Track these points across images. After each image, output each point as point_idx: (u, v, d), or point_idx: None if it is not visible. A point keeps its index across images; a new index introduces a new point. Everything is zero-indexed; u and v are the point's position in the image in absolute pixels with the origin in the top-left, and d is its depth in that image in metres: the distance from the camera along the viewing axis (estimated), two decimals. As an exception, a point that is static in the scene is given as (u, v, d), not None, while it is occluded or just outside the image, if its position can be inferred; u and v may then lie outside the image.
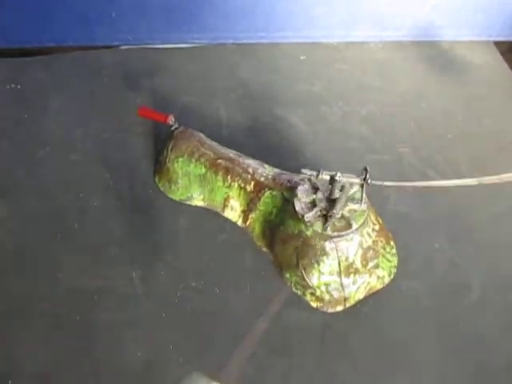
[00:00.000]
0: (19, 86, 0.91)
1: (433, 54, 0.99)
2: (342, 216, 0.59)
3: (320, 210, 0.59)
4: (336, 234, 0.58)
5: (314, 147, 0.81)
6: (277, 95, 0.90)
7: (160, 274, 0.66)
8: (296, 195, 0.61)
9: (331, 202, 0.58)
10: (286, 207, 0.63)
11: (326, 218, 0.58)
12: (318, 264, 0.60)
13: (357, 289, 0.62)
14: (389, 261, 0.64)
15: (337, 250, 0.58)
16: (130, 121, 0.84)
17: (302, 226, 0.59)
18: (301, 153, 0.80)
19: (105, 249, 0.68)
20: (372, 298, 0.64)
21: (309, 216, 0.58)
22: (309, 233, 0.59)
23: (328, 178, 0.57)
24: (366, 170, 0.56)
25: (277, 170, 0.68)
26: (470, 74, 0.95)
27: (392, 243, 0.65)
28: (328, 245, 0.58)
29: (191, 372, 0.54)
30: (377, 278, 0.63)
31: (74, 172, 0.77)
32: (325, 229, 0.57)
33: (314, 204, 0.59)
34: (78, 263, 0.67)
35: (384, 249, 0.63)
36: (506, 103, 0.91)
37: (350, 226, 0.58)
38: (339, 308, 0.62)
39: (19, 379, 0.57)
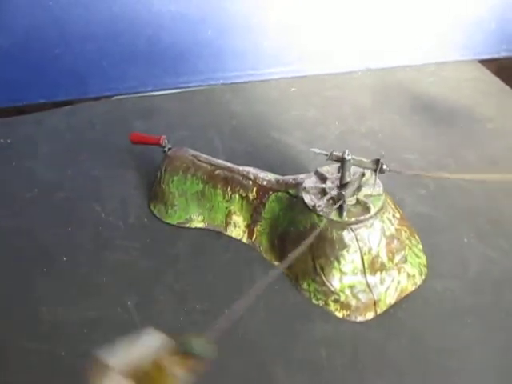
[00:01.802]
0: (9, 141, 0.89)
1: (421, 76, 1.00)
2: (358, 201, 0.53)
3: (332, 198, 0.53)
4: (354, 219, 0.51)
5: (317, 163, 0.76)
6: (271, 122, 0.88)
7: (159, 299, 0.58)
8: (304, 188, 0.55)
9: (343, 188, 0.53)
10: (293, 204, 0.57)
11: (340, 205, 0.52)
12: (338, 261, 0.52)
13: (386, 289, 0.54)
14: (417, 256, 0.57)
15: (357, 239, 0.51)
16: (122, 157, 0.81)
17: (315, 218, 0.53)
18: (305, 169, 0.75)
19: (95, 279, 0.60)
20: (405, 301, 0.56)
21: (320, 204, 0.52)
22: (323, 224, 0.52)
23: (339, 154, 0.52)
24: (378, 160, 0.51)
25: (279, 176, 0.63)
26: (462, 88, 0.95)
27: (417, 237, 0.58)
28: (347, 234, 0.51)
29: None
30: (407, 276, 0.55)
31: (62, 209, 0.72)
32: (340, 215, 0.51)
33: (324, 193, 0.54)
34: (65, 296, 0.58)
35: (409, 240, 0.56)
36: (504, 108, 0.89)
37: (367, 210, 0.52)
38: (370, 315, 0.54)
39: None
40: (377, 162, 0.52)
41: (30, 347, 0.53)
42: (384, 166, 0.52)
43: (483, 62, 1.03)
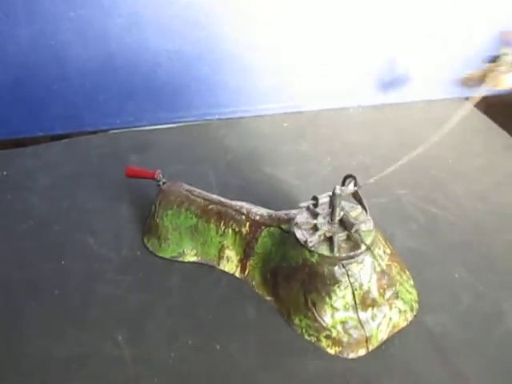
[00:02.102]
0: (5, 173, 0.90)
1: (410, 113, 1.03)
2: (349, 236, 0.54)
3: (324, 234, 0.54)
4: (345, 255, 0.52)
5: (309, 197, 0.77)
6: (264, 157, 0.89)
7: (150, 335, 0.57)
8: (296, 223, 0.56)
9: (333, 223, 0.54)
10: (285, 240, 0.57)
11: (331, 241, 0.53)
12: (330, 297, 0.52)
13: (378, 325, 0.54)
14: (409, 292, 0.57)
15: (348, 275, 0.52)
16: (117, 191, 0.82)
17: (306, 254, 0.53)
18: (297, 203, 0.76)
19: (86, 313, 0.60)
20: (397, 337, 0.56)
21: (312, 240, 0.53)
22: (314, 259, 0.53)
23: (327, 198, 0.53)
24: (351, 176, 0.54)
25: (271, 211, 0.64)
26: (451, 125, 0.97)
27: (408, 273, 0.59)
28: (338, 270, 0.52)
29: None
30: (398, 312, 0.55)
31: (56, 241, 0.72)
32: (332, 251, 0.52)
33: (315, 229, 0.55)
34: (54, 330, 0.58)
35: (400, 276, 0.57)
36: (492, 145, 0.91)
37: (358, 246, 0.52)
38: (362, 352, 0.53)
39: None
40: (355, 184, 0.54)
41: (16, 382, 0.52)
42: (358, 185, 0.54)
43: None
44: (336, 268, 0.52)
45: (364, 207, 0.56)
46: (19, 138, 0.98)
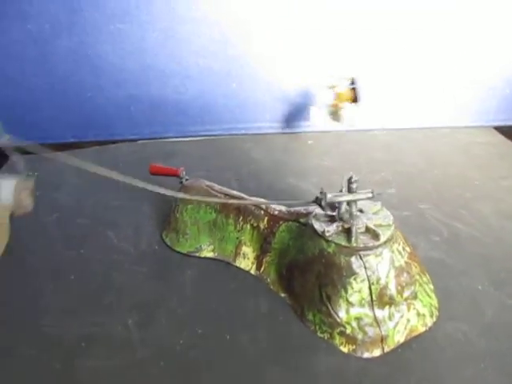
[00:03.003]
0: (36, 173, 0.93)
1: (435, 137, 1.02)
2: (367, 229, 0.53)
3: (342, 225, 0.53)
4: (363, 246, 0.51)
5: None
6: (288, 169, 0.90)
7: (160, 321, 0.56)
8: (314, 215, 0.56)
9: (352, 216, 0.53)
10: (303, 232, 0.57)
11: (349, 232, 0.52)
12: (346, 290, 0.51)
13: (395, 326, 0.52)
14: (428, 296, 0.55)
15: (365, 267, 0.50)
16: (140, 192, 0.83)
17: (323, 244, 0.52)
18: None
19: (100, 297, 0.60)
20: (414, 341, 0.53)
21: (330, 230, 0.52)
22: (331, 249, 0.52)
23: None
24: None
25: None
26: (476, 150, 0.97)
27: (428, 277, 0.57)
28: (355, 261, 0.51)
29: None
30: (417, 314, 0.53)
31: (78, 233, 0.73)
32: (349, 241, 0.51)
33: (333, 220, 0.54)
34: (68, 311, 0.58)
35: (420, 277, 0.55)
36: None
37: (377, 238, 0.51)
38: (376, 352, 0.51)
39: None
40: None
41: (26, 354, 0.52)
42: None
43: (497, 128, 1.06)
44: (353, 259, 0.51)
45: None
46: (52, 143, 1.02)
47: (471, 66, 1.02)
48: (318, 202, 0.53)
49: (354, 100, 0.91)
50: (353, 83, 0.91)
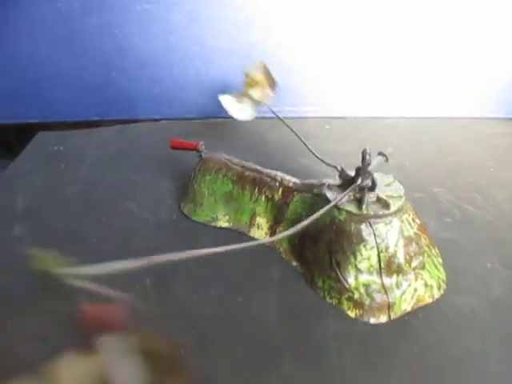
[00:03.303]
0: (61, 148, 0.97)
1: (453, 127, 1.03)
2: (378, 198, 0.54)
3: (354, 194, 0.55)
4: (373, 213, 0.52)
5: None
6: (302, 150, 0.91)
7: (176, 282, 0.59)
8: (327, 185, 0.58)
9: (364, 186, 0.55)
10: (315, 202, 0.59)
11: (360, 201, 0.53)
12: (355, 257, 0.53)
13: (402, 294, 0.53)
14: (437, 268, 0.56)
15: (375, 235, 0.52)
16: (161, 167, 0.86)
17: (335, 212, 0.54)
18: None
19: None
20: (421, 311, 0.54)
21: (342, 200, 0.54)
22: (342, 217, 0.53)
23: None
24: (382, 153, 0.55)
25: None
26: (493, 140, 0.97)
27: (437, 250, 0.58)
28: (365, 229, 0.52)
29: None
30: (424, 285, 0.54)
31: (99, 203, 0.76)
32: (360, 208, 0.52)
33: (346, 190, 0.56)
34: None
35: (429, 249, 0.56)
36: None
37: (387, 207, 0.53)
38: (383, 318, 0.53)
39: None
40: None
41: (49, 309, 0.55)
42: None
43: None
44: (363, 226, 0.52)
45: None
46: (76, 120, 1.06)
47: (491, 57, 1.02)
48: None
49: (269, 86, 0.88)
50: (265, 69, 0.87)
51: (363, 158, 0.54)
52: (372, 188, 0.54)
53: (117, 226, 0.70)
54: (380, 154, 0.56)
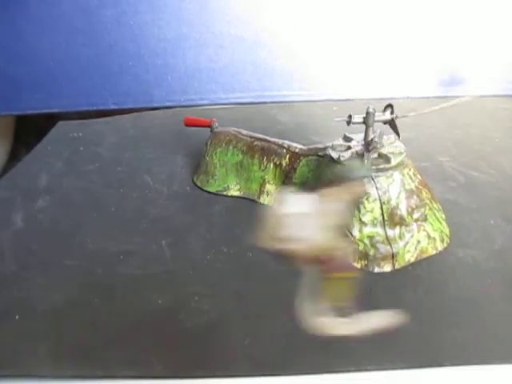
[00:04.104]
0: (80, 134, 1.02)
1: (460, 104, 1.04)
2: (380, 155, 0.57)
3: (356, 152, 0.57)
4: (375, 168, 0.55)
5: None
6: (312, 129, 0.95)
7: (190, 242, 0.62)
8: (331, 146, 0.61)
9: (367, 145, 0.57)
10: (320, 163, 0.61)
11: (361, 155, 0.56)
12: (358, 209, 0.55)
13: (405, 245, 0.55)
14: (439, 221, 0.58)
15: (377, 188, 0.55)
16: (175, 146, 0.90)
17: (338, 169, 0.57)
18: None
19: (137, 224, 0.67)
20: (425, 262, 0.57)
21: (344, 155, 0.57)
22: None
23: (361, 119, 0.57)
24: (390, 105, 0.57)
25: (311, 146, 0.69)
26: (499, 114, 0.98)
27: (439, 205, 0.60)
28: (367, 182, 0.55)
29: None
30: (427, 237, 0.57)
31: (117, 177, 0.81)
32: (363, 163, 0.55)
33: (349, 149, 0.58)
34: (108, 233, 0.65)
35: (430, 202, 0.58)
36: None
37: (388, 161, 0.55)
38: (387, 267, 0.55)
39: (27, 314, 0.51)
40: (391, 112, 0.57)
41: (70, 264, 0.59)
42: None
43: (525, 97, 1.07)
44: (365, 180, 0.55)
45: (398, 134, 0.59)
46: (95, 109, 1.11)
47: (498, 36, 1.03)
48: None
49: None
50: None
51: (367, 114, 0.57)
52: (376, 143, 0.56)
53: (134, 197, 0.74)
54: (388, 106, 0.59)
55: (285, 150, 0.67)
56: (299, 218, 0.36)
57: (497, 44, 1.10)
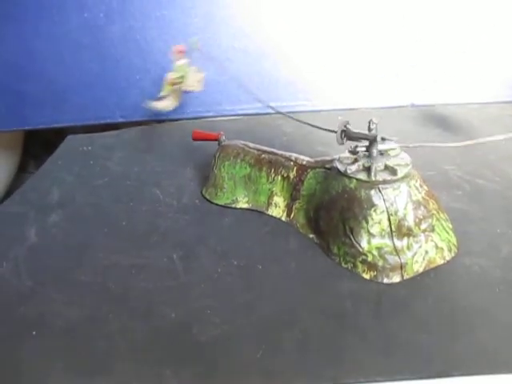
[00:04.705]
0: (90, 148, 1.04)
1: (464, 111, 1.05)
2: (386, 167, 0.58)
3: (363, 164, 0.58)
4: (381, 179, 0.56)
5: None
6: (318, 139, 0.96)
7: (201, 255, 0.63)
8: (338, 159, 0.62)
9: (373, 157, 0.58)
10: (327, 175, 0.62)
11: (369, 169, 0.57)
12: (367, 221, 0.56)
13: (413, 255, 0.56)
14: (446, 232, 0.59)
15: (384, 200, 0.55)
16: (183, 160, 0.92)
17: (346, 181, 0.58)
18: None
19: (148, 238, 0.68)
20: (433, 271, 0.57)
21: (351, 168, 0.58)
22: (353, 185, 0.57)
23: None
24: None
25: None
26: (505, 121, 0.99)
27: (446, 215, 0.61)
28: (374, 194, 0.56)
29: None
30: (435, 247, 0.57)
31: (127, 191, 0.82)
32: (369, 176, 0.56)
33: (356, 161, 0.59)
34: (119, 248, 0.66)
35: (438, 213, 0.59)
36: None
37: (395, 173, 0.56)
38: (396, 278, 0.56)
39: (43, 330, 0.52)
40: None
41: (84, 279, 0.60)
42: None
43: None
44: (372, 192, 0.56)
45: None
46: (103, 123, 1.13)
47: (502, 43, 1.04)
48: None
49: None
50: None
51: (369, 127, 0.58)
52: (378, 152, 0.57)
53: (144, 210, 0.75)
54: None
55: (292, 163, 0.68)
56: None
57: (498, 53, 1.11)
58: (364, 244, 0.57)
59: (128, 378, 0.47)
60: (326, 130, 0.67)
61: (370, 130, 0.59)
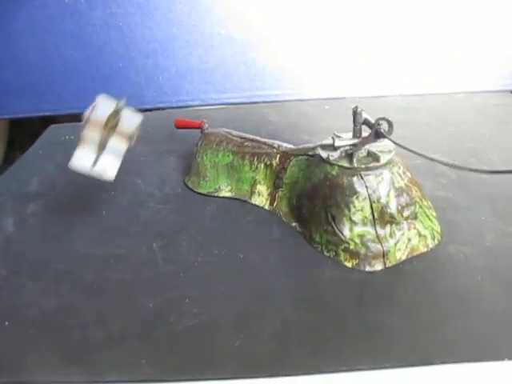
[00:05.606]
0: (72, 137, 1.02)
1: (451, 101, 1.05)
2: (369, 153, 0.57)
3: (345, 151, 0.57)
4: (364, 166, 0.55)
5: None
6: (303, 128, 0.95)
7: (181, 245, 0.62)
8: (320, 145, 0.60)
9: (355, 143, 0.57)
10: (310, 162, 0.61)
11: (350, 154, 0.56)
12: (349, 209, 0.55)
13: (396, 243, 0.55)
14: (429, 219, 0.58)
15: (366, 186, 0.54)
16: (166, 148, 0.90)
17: (328, 168, 0.57)
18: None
19: (128, 228, 0.66)
20: (416, 259, 0.57)
21: (333, 155, 0.57)
22: (335, 172, 0.56)
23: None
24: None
25: (301, 146, 0.69)
26: (490, 110, 0.99)
27: (430, 203, 0.60)
28: (356, 181, 0.55)
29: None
30: (418, 235, 0.57)
31: (108, 181, 0.80)
32: (351, 162, 0.55)
33: (338, 148, 0.58)
34: (98, 238, 0.65)
35: (421, 200, 0.58)
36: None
37: (377, 160, 0.55)
38: (378, 266, 0.55)
39: (16, 321, 0.50)
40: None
41: (61, 268, 0.59)
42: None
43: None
44: (355, 179, 0.55)
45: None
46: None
47: (487, 32, 1.03)
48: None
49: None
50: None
51: (354, 114, 0.57)
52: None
53: (125, 200, 0.74)
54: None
55: (275, 150, 0.67)
56: None
57: (483, 44, 1.09)
58: (346, 232, 0.56)
59: (104, 368, 0.46)
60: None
61: (354, 117, 0.57)
